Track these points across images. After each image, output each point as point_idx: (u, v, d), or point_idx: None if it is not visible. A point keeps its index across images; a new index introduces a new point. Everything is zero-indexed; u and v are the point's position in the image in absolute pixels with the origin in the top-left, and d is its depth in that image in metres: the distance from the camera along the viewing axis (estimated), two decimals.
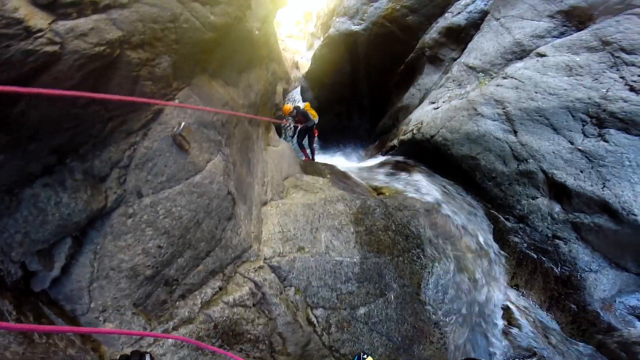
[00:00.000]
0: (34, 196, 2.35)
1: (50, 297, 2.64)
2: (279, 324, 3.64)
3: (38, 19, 1.85)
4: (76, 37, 2.04)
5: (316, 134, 9.24)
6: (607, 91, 5.48)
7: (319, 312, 4.02)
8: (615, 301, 4.97)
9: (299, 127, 8.72)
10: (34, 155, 2.27)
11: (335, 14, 13.95)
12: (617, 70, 5.55)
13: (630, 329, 4.71)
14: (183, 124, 2.98)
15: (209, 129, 3.42)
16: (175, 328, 3.09)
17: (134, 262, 2.84)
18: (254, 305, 3.57)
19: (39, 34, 1.85)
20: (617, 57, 5.63)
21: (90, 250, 2.71)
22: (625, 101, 5.25)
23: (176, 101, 3.02)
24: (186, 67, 3.15)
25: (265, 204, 4.86)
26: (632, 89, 5.28)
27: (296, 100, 15.88)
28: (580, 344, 4.96)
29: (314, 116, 8.60)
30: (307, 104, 9.09)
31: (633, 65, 5.44)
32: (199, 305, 3.28)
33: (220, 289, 3.49)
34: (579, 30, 6.51)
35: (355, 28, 11.90)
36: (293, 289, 3.97)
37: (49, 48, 1.90)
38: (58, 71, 2.01)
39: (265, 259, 4.00)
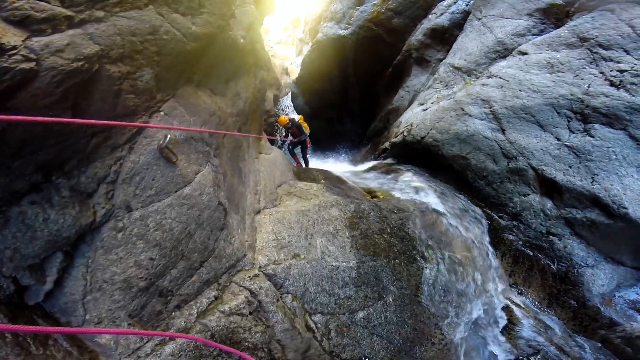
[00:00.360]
0: (22, 214, 2.34)
1: (45, 310, 2.63)
2: (277, 331, 3.61)
3: (11, 36, 1.83)
4: (52, 53, 2.02)
5: (308, 145, 9.56)
6: (588, 87, 5.58)
7: (317, 317, 3.99)
8: (614, 296, 4.93)
9: (293, 140, 9.04)
10: (19, 173, 2.26)
11: (323, 19, 14.04)
12: (597, 66, 5.66)
13: (633, 323, 4.66)
14: (169, 136, 2.96)
15: (196, 140, 3.42)
16: (172, 338, 3.06)
17: (126, 274, 2.83)
18: (250, 313, 3.54)
19: (13, 51, 1.82)
20: (596, 52, 5.75)
21: (82, 263, 2.70)
22: (607, 96, 5.35)
23: (161, 113, 3.02)
24: (170, 79, 3.15)
25: (258, 212, 4.84)
26: (612, 84, 5.39)
27: (288, 106, 15.94)
28: (584, 339, 4.90)
29: (306, 129, 8.98)
30: (300, 117, 9.56)
31: (611, 60, 5.55)
32: (195, 315, 3.26)
33: (216, 298, 3.46)
34: (557, 27, 6.65)
35: (342, 32, 12.02)
36: (290, 295, 3.95)
37: (24, 65, 1.87)
38: (36, 88, 1.99)
39: (260, 267, 3.98)
